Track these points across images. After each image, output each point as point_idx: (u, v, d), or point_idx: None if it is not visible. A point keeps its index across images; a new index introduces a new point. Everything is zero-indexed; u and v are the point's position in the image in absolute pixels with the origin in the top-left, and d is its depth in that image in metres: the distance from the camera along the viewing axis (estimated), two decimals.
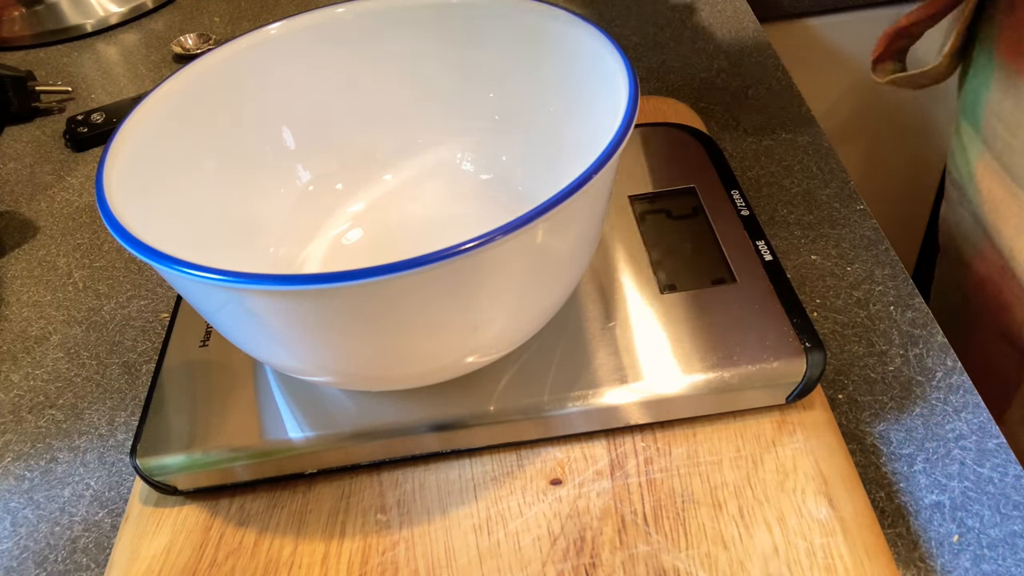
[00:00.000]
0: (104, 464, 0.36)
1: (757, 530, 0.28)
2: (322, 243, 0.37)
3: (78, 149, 0.57)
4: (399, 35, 0.37)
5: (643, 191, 0.38)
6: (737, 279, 0.33)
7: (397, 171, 0.39)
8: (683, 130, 0.41)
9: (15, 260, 0.48)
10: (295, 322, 0.25)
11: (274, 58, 0.36)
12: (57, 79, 0.66)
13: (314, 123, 0.38)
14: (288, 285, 0.23)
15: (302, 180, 0.38)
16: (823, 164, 0.46)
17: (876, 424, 0.33)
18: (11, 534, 0.34)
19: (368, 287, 0.23)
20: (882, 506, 0.31)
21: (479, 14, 0.35)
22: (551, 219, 0.24)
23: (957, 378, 0.34)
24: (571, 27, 0.33)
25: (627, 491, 0.29)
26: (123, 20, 0.73)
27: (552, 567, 0.28)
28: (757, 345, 0.31)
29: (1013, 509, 0.30)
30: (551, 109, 0.36)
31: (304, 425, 0.31)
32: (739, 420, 0.31)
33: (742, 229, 0.35)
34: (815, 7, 0.75)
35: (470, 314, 0.26)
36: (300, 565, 0.29)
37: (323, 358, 0.28)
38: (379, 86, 0.38)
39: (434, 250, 0.22)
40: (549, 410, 0.30)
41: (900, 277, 0.39)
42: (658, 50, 0.59)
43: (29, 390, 0.40)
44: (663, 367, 0.31)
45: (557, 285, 0.29)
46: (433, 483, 0.31)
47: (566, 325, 0.33)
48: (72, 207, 0.52)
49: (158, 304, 0.44)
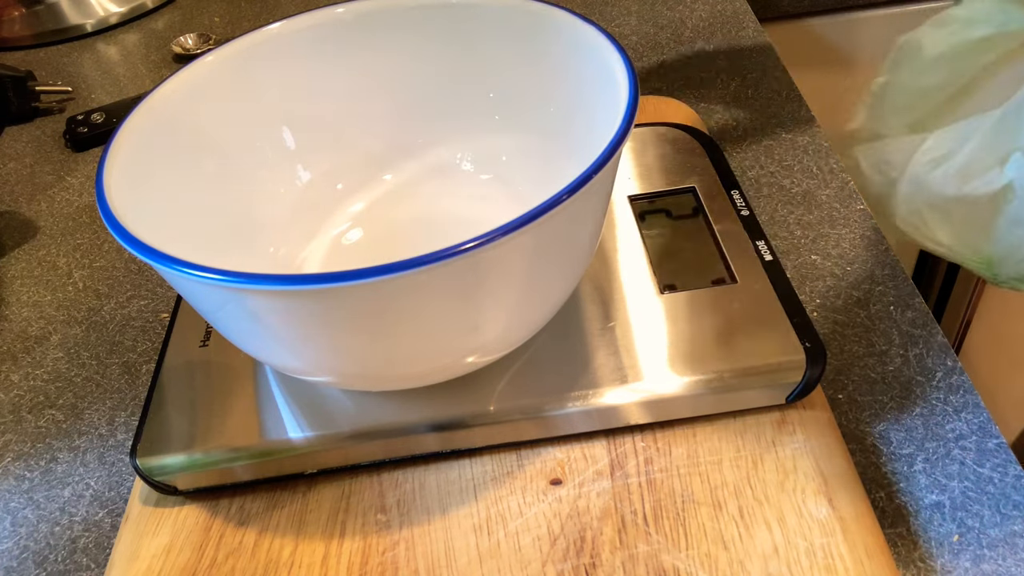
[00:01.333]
0: (104, 464, 0.36)
1: (757, 530, 0.28)
2: (322, 243, 0.37)
3: (78, 149, 0.57)
4: (399, 35, 0.37)
5: (643, 191, 0.38)
6: (737, 279, 0.33)
7: (397, 171, 0.39)
8: (683, 130, 0.41)
9: (15, 260, 0.48)
10: (295, 322, 0.25)
11: (274, 58, 0.36)
12: (57, 79, 0.66)
13: (314, 123, 0.38)
14: (288, 285, 0.23)
15: (302, 180, 0.38)
16: (823, 164, 0.46)
17: (876, 424, 0.33)
18: (11, 534, 0.34)
19: (368, 287, 0.23)
20: (882, 506, 0.31)
21: (479, 14, 0.35)
22: (551, 219, 0.24)
23: (957, 378, 0.34)
24: (571, 27, 0.33)
25: (627, 491, 0.29)
26: (123, 20, 0.73)
27: (552, 567, 0.28)
28: (757, 345, 0.31)
29: (1013, 509, 0.30)
30: (551, 109, 0.36)
31: (304, 425, 0.31)
32: (739, 420, 0.31)
33: (742, 229, 0.35)
34: (815, 7, 0.75)
35: (470, 314, 0.26)
36: (300, 565, 0.29)
37: (323, 358, 0.28)
38: (379, 86, 0.38)
39: (434, 250, 0.22)
40: (549, 410, 0.30)
41: (900, 277, 0.39)
42: (658, 50, 0.59)
43: (29, 390, 0.40)
44: (663, 367, 0.31)
45: (557, 285, 0.29)
46: (433, 483, 0.31)
47: (566, 325, 0.33)
48: (72, 207, 0.52)
49: (158, 304, 0.44)
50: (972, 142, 0.40)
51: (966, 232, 0.43)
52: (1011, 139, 0.39)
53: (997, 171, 0.39)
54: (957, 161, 0.41)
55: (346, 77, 0.37)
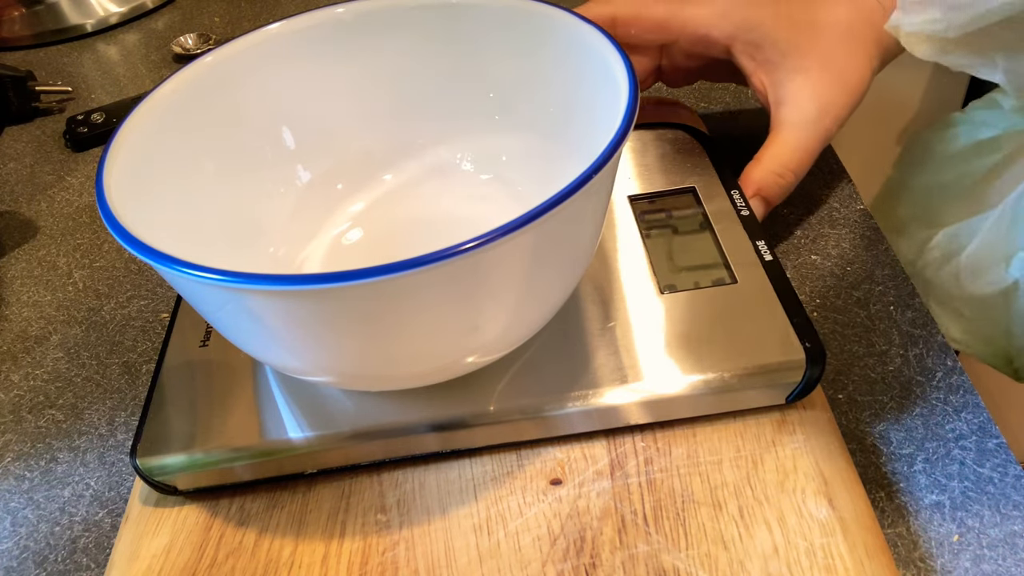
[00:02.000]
0: (104, 464, 0.36)
1: (757, 530, 0.28)
2: (322, 243, 0.37)
3: (78, 149, 0.57)
4: (399, 35, 0.37)
5: (643, 191, 0.38)
6: (737, 279, 0.33)
7: (397, 171, 0.39)
8: (683, 130, 0.41)
9: (15, 260, 0.48)
10: (295, 322, 0.25)
11: (274, 58, 0.36)
12: (57, 79, 0.66)
13: (314, 123, 0.38)
14: (288, 285, 0.23)
15: (302, 180, 0.38)
16: (823, 164, 0.46)
17: (876, 424, 0.33)
18: (11, 534, 0.34)
19: (368, 287, 0.23)
20: (882, 506, 0.31)
21: (479, 14, 0.35)
22: (551, 220, 0.24)
23: (957, 378, 0.34)
24: (572, 26, 0.33)
25: (627, 491, 0.29)
26: (123, 20, 0.73)
27: (552, 567, 0.28)
28: (757, 345, 0.31)
29: (1013, 509, 0.30)
30: (551, 109, 0.36)
31: (304, 425, 0.31)
32: (739, 420, 0.31)
33: (742, 229, 0.35)
34: None
35: (470, 314, 0.26)
36: (300, 565, 0.29)
37: (323, 358, 0.28)
38: (379, 86, 0.38)
39: (434, 250, 0.22)
40: (549, 410, 0.30)
41: (900, 277, 0.39)
42: None
43: (29, 390, 0.40)
44: (663, 367, 0.31)
45: (557, 285, 0.29)
46: (433, 483, 0.31)
47: (566, 325, 0.33)
48: (72, 207, 0.52)
49: (158, 304, 0.44)
50: (977, 239, 0.41)
51: (980, 328, 0.43)
52: (1015, 237, 0.40)
53: (1004, 268, 0.39)
54: (964, 259, 0.42)
55: (346, 77, 0.37)
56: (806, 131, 0.36)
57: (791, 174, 0.37)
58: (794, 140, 0.36)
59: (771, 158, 0.37)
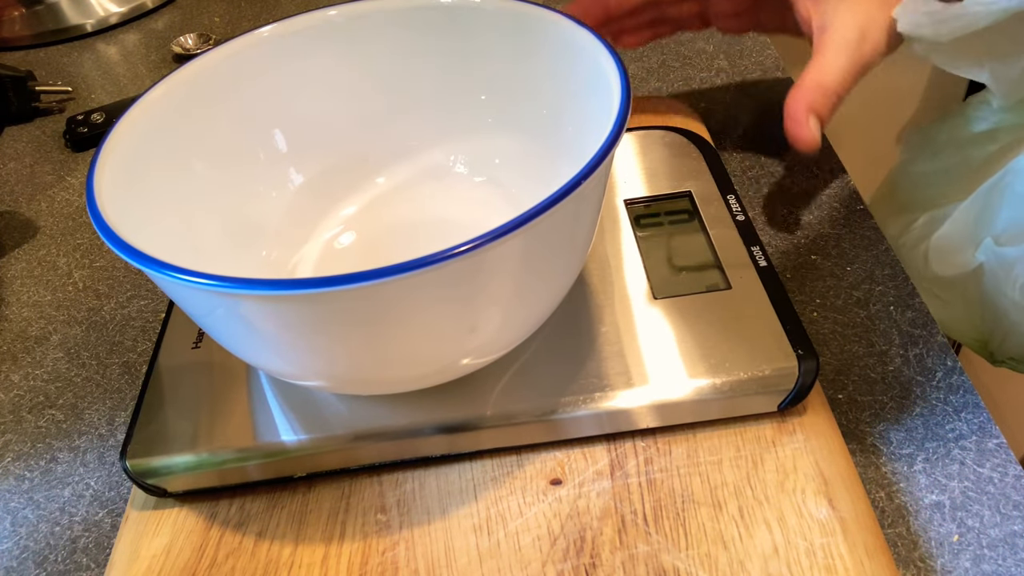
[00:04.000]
0: (104, 464, 0.36)
1: (757, 530, 0.28)
2: (315, 247, 0.37)
3: (78, 149, 0.57)
4: (391, 38, 0.37)
5: (638, 195, 0.38)
6: (731, 285, 0.33)
7: (390, 174, 0.39)
8: (680, 133, 0.41)
9: (15, 260, 0.48)
10: (288, 327, 0.25)
11: (266, 61, 0.35)
12: (57, 79, 0.66)
13: (306, 126, 0.37)
14: (280, 290, 0.22)
15: (295, 183, 0.38)
16: (823, 164, 0.46)
17: (876, 424, 0.33)
18: (11, 534, 0.34)
19: (361, 291, 0.23)
20: (882, 506, 0.31)
21: (471, 16, 0.35)
22: (544, 222, 0.23)
23: (957, 378, 0.34)
24: (564, 29, 0.32)
25: (627, 491, 0.29)
26: (123, 20, 0.73)
27: (552, 567, 0.28)
28: (749, 352, 0.31)
29: (1013, 509, 0.30)
30: (544, 111, 0.36)
31: (297, 428, 0.30)
32: (739, 420, 0.31)
33: (737, 234, 0.35)
34: None
35: (463, 318, 0.26)
36: (300, 565, 0.29)
37: (316, 363, 0.27)
38: (371, 88, 0.38)
39: (427, 253, 0.22)
40: (543, 415, 0.30)
41: (900, 277, 0.39)
42: (658, 50, 0.59)
43: (29, 390, 0.40)
44: (655, 373, 0.30)
45: (550, 289, 0.29)
46: (433, 483, 0.31)
47: (558, 330, 0.32)
48: (72, 207, 0.52)
49: (158, 304, 0.44)
50: (947, 224, 0.42)
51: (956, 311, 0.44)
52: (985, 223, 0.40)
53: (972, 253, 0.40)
54: (933, 240, 0.43)
55: (339, 80, 0.37)
56: (849, 54, 0.37)
57: (835, 95, 0.37)
58: (839, 62, 0.37)
59: (816, 79, 0.37)
